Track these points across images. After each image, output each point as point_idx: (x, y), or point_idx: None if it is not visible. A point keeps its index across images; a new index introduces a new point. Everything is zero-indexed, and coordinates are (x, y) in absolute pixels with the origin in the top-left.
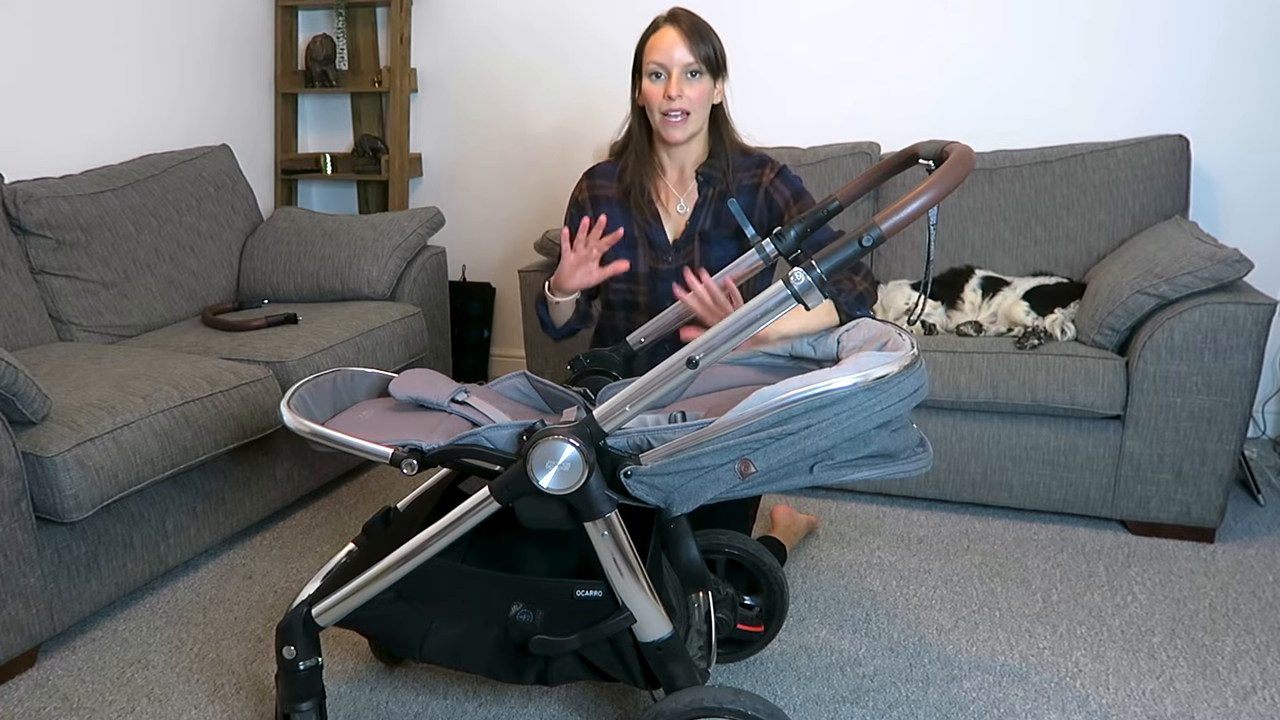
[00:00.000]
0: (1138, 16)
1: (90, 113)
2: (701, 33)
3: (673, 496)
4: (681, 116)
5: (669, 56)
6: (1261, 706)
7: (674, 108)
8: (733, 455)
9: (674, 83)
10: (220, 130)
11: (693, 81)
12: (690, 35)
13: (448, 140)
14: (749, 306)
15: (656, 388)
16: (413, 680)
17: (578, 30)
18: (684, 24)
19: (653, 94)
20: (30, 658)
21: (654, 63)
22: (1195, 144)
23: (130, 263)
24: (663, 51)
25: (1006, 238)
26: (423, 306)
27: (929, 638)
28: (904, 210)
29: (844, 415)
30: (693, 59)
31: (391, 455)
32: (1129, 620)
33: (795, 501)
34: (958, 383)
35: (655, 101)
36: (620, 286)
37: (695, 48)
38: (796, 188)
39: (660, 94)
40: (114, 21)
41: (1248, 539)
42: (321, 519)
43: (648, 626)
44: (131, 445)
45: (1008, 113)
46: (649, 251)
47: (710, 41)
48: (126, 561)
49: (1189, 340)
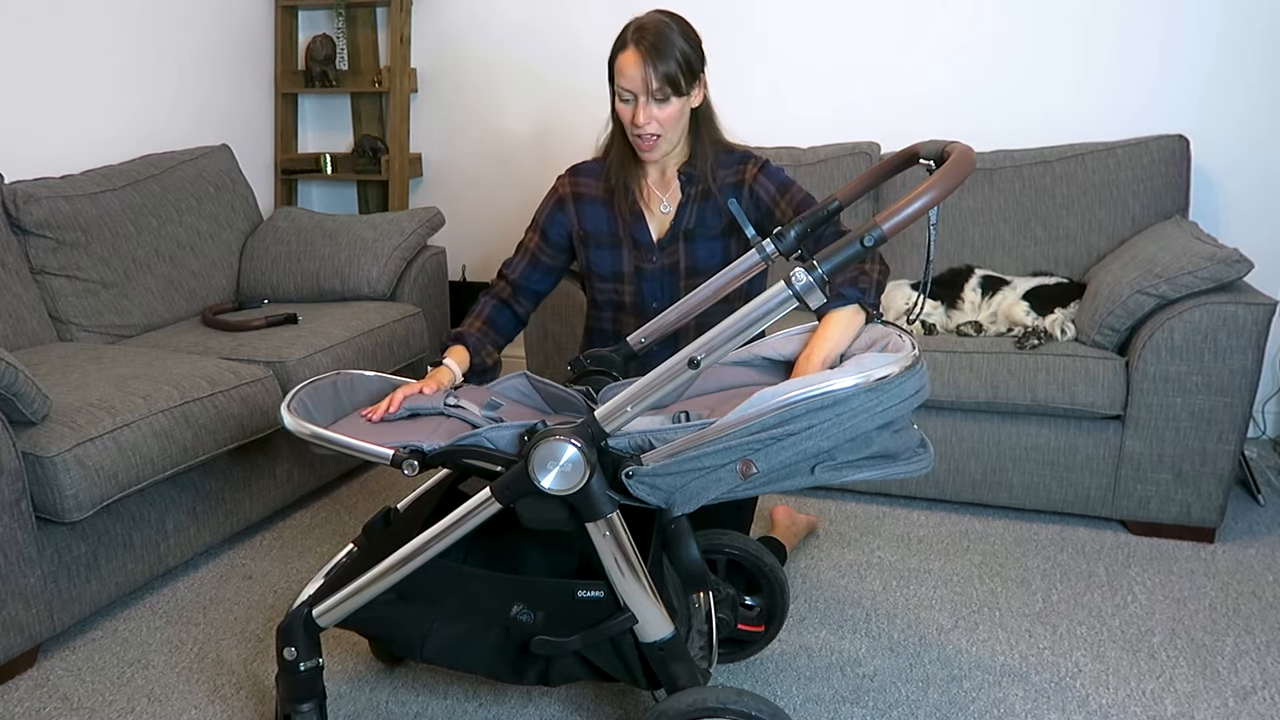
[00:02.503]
0: (1137, 16)
1: (90, 113)
2: (663, 50)
3: (674, 497)
4: (653, 139)
5: (634, 83)
6: (1261, 706)
7: (644, 133)
8: (734, 456)
9: (640, 110)
10: (220, 130)
11: (661, 105)
12: (651, 58)
13: (448, 140)
14: (750, 306)
15: (658, 388)
16: (413, 680)
17: (578, 30)
18: (645, 45)
19: (623, 114)
20: (30, 658)
21: (622, 87)
22: (1195, 144)
23: (130, 263)
24: (628, 78)
25: (1006, 238)
26: (423, 306)
27: (929, 638)
28: (905, 210)
29: (845, 416)
30: (657, 84)
31: (392, 456)
32: (1129, 620)
33: (795, 502)
34: (958, 383)
35: (626, 124)
36: (606, 286)
37: (657, 71)
38: (781, 179)
39: (629, 118)
40: (113, 21)
41: (1248, 539)
42: (321, 519)
43: (649, 627)
44: (131, 445)
45: (1008, 113)
46: (634, 251)
47: (673, 56)
48: (126, 561)
49: (1189, 340)
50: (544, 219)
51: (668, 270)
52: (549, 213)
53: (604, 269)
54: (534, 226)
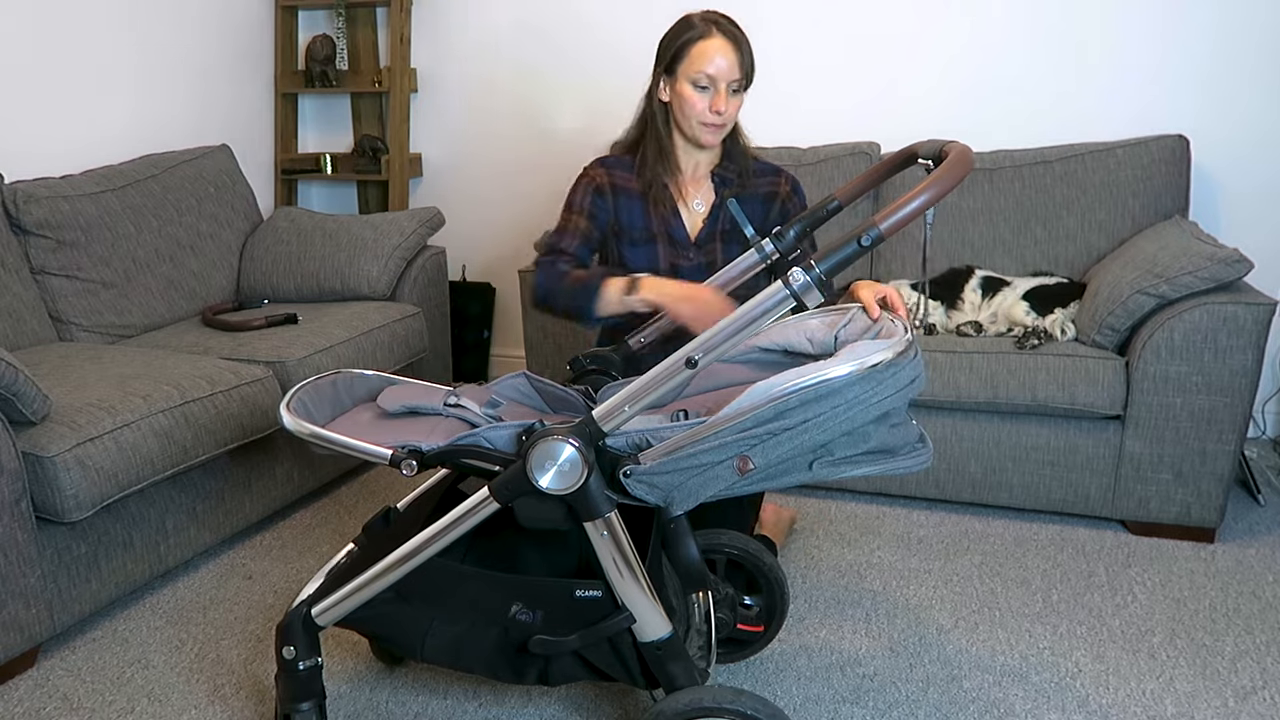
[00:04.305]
0: (1138, 16)
1: (90, 113)
2: (745, 43)
3: (672, 495)
4: (720, 129)
5: (720, 70)
6: (1261, 706)
7: (718, 122)
8: (731, 452)
9: (722, 98)
10: (220, 130)
11: (735, 97)
12: (740, 50)
13: (448, 140)
14: (748, 306)
15: (656, 387)
16: (413, 680)
17: (578, 30)
18: (732, 36)
19: (695, 102)
20: (30, 658)
21: (703, 74)
22: (1195, 144)
23: (130, 263)
24: (713, 64)
25: (1006, 238)
26: (423, 306)
27: (929, 638)
28: (903, 210)
29: (841, 408)
30: (740, 75)
31: (391, 456)
32: (1129, 620)
33: (796, 501)
34: (958, 383)
35: (697, 111)
36: None
37: (743, 64)
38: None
39: (705, 106)
40: (114, 21)
41: (1248, 539)
42: (321, 519)
43: (647, 627)
44: (131, 445)
45: (1008, 113)
46: (669, 248)
47: (751, 54)
48: (126, 561)
49: (1189, 340)
50: (587, 204)
51: (703, 268)
52: (590, 199)
53: (639, 264)
54: (576, 210)
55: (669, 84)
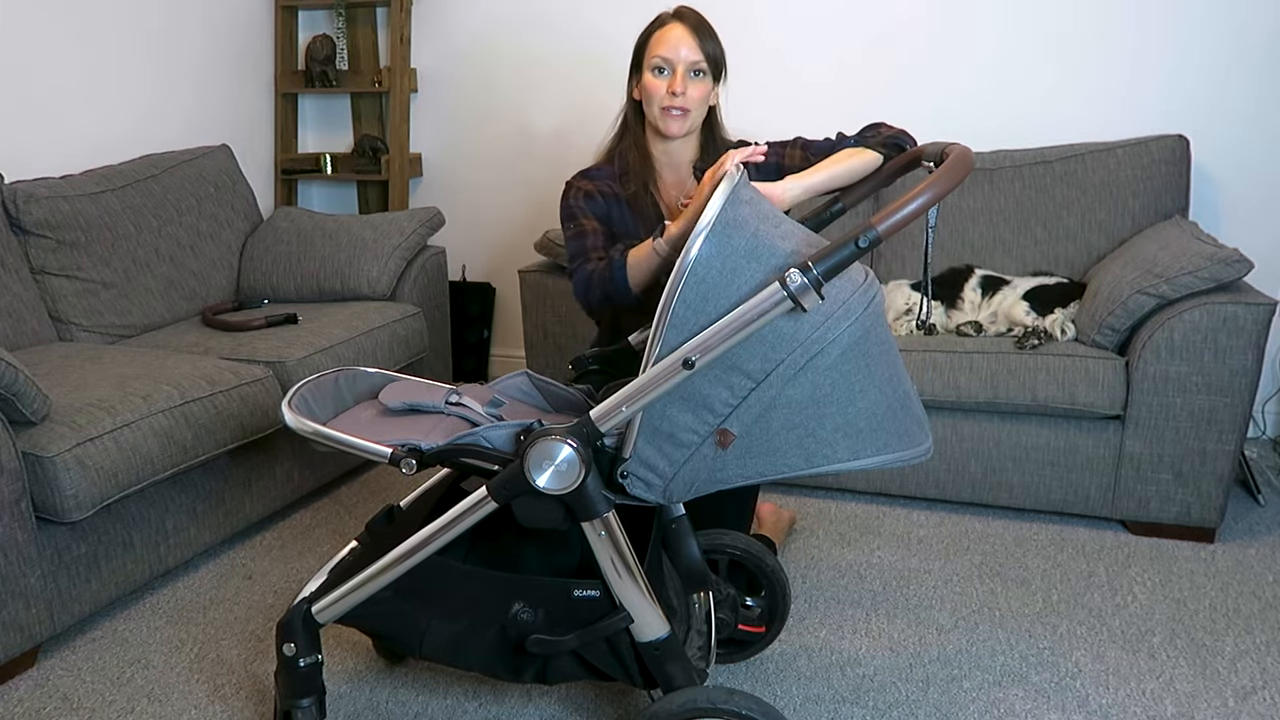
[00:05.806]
0: (1138, 17)
1: (90, 113)
2: (705, 30)
3: (669, 487)
4: (681, 113)
5: (675, 52)
6: (1261, 706)
7: (675, 104)
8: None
9: (678, 79)
10: (220, 130)
11: (695, 80)
12: (697, 33)
13: (448, 140)
14: (745, 307)
15: (653, 388)
16: (413, 680)
17: (578, 30)
18: (691, 21)
19: (654, 88)
20: (30, 658)
21: (659, 57)
22: (1195, 144)
23: (130, 263)
24: (669, 46)
25: (1006, 238)
26: (423, 306)
27: (929, 638)
28: (901, 211)
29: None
30: (698, 57)
31: (391, 455)
32: (1129, 620)
33: (796, 501)
34: (958, 383)
35: (656, 95)
36: None
37: (701, 46)
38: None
39: (663, 89)
40: (114, 22)
41: (1248, 539)
42: (321, 519)
43: (645, 627)
44: (131, 445)
45: (1008, 113)
46: None
47: (715, 41)
48: (126, 561)
49: (1189, 340)
50: (589, 208)
51: None
52: (585, 204)
53: None
54: (581, 217)
55: (637, 80)
